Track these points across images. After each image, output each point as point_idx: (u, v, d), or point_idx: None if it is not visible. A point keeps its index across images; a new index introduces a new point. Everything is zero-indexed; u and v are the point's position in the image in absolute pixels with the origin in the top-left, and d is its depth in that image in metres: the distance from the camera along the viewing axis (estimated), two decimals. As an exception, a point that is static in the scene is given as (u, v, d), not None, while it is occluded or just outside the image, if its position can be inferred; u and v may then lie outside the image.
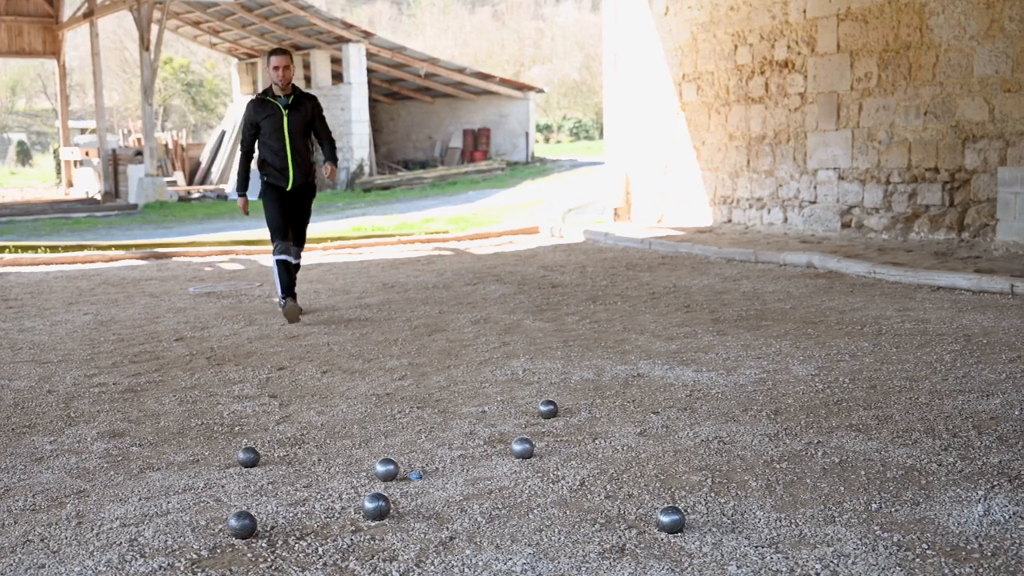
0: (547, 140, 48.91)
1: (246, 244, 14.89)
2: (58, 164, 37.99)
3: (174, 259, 13.53)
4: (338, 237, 15.65)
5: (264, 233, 18.17)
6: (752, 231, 14.05)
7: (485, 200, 23.50)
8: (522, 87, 35.27)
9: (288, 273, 8.34)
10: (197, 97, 52.61)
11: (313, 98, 8.53)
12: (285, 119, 8.28)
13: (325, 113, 8.71)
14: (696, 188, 15.43)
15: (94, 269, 12.54)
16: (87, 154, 32.69)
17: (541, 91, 37.18)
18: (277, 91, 8.31)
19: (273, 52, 8.35)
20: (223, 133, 35.46)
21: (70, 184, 33.84)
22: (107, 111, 36.75)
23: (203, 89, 52.74)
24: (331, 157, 8.53)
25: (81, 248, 14.49)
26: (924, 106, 11.86)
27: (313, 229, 18.76)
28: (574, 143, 47.86)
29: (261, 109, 8.33)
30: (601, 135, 39.00)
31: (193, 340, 7.69)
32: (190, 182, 33.68)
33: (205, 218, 23.21)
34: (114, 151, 30.35)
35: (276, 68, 8.25)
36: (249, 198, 8.72)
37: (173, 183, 31.18)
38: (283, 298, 8.30)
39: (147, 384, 6.24)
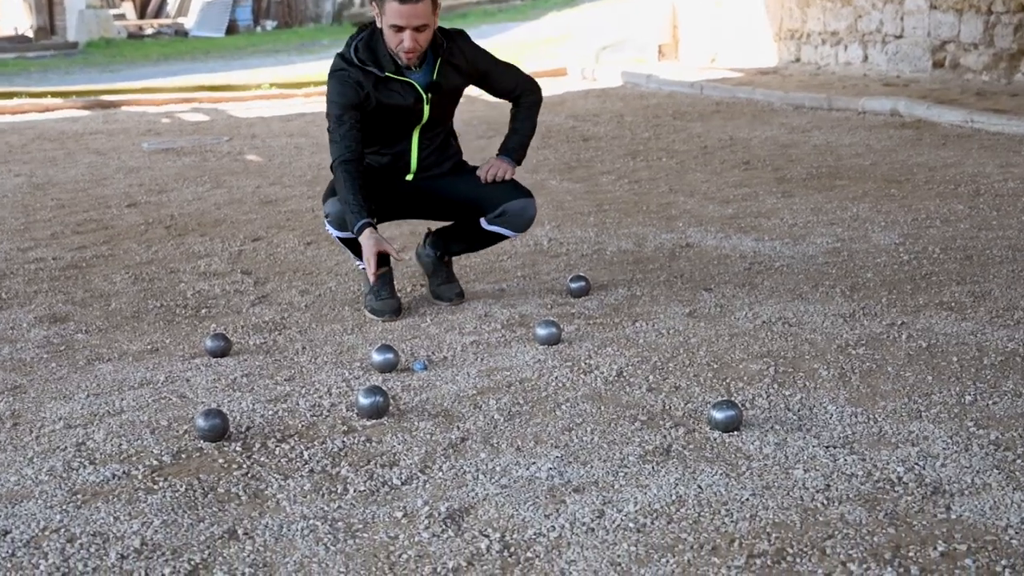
0: (576, -40, 48.18)
1: (211, 90, 14.79)
2: (-19, -5, 37.74)
3: (124, 109, 13.47)
4: (323, 81, 15.49)
5: (234, 77, 18.11)
6: (825, 72, 13.92)
7: (502, 35, 23.27)
8: None
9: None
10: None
11: (468, 47, 5.16)
12: (426, 109, 4.96)
13: None
14: (758, 20, 15.23)
15: (26, 121, 12.50)
16: (15, -19, 32.39)
17: None
18: (403, 58, 4.85)
19: None
20: (180, -45, 35.02)
21: (-5, 19, 33.63)
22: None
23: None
24: (522, 136, 5.18)
25: (10, 96, 14.43)
26: (1040, -86, 11.62)
27: (297, 71, 18.73)
28: (609, -36, 47.13)
29: (371, 89, 4.90)
30: (641, -45, 38.37)
31: (149, 206, 7.69)
32: (142, 15, 33.39)
33: (160, 59, 23.09)
34: (48, -23, 30.07)
35: (399, 29, 4.77)
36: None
37: (121, 16, 30.93)
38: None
39: (94, 259, 6.25)
